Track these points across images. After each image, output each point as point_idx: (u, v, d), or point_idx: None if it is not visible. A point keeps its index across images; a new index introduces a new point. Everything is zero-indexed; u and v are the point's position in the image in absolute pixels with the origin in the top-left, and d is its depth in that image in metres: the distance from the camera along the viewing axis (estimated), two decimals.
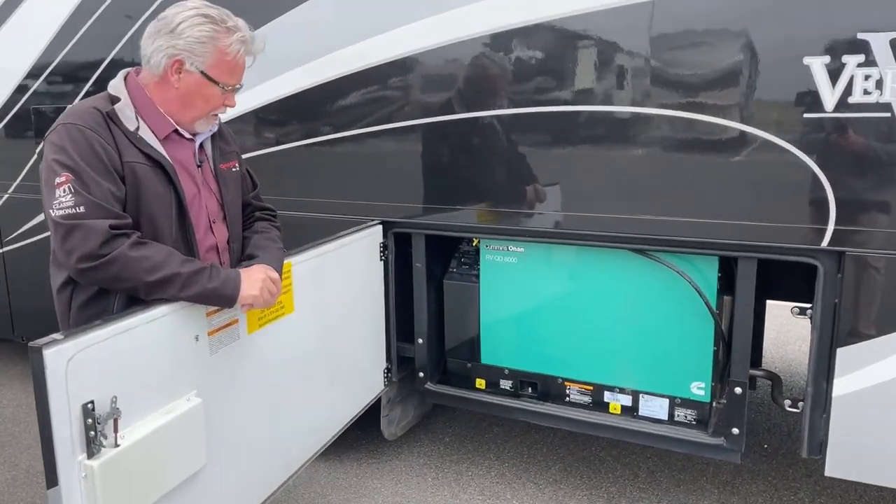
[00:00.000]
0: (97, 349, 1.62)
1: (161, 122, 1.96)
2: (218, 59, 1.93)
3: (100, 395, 1.62)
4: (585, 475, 3.40)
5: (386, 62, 2.87)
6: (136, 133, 1.90)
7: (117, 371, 1.68)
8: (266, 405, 2.28)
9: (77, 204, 1.75)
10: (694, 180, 2.49)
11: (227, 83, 1.98)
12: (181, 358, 1.89)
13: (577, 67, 2.58)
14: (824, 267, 2.35)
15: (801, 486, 3.28)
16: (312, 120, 3.10)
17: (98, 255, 1.74)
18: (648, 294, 2.72)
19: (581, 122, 2.61)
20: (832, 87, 2.22)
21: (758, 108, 2.34)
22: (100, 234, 1.73)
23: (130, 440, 1.69)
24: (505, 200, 2.81)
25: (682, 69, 2.42)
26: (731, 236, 2.44)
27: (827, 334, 2.40)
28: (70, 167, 1.77)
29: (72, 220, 1.74)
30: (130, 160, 1.86)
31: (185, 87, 1.94)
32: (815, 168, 2.28)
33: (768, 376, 3.00)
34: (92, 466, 1.58)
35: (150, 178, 1.89)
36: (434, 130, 2.87)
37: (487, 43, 2.70)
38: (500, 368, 3.07)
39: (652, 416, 2.80)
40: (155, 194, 1.90)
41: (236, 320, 2.10)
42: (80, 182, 1.76)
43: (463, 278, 3.08)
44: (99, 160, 1.80)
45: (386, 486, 3.33)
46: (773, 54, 2.30)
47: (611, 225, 2.61)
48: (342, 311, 2.75)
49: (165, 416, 1.81)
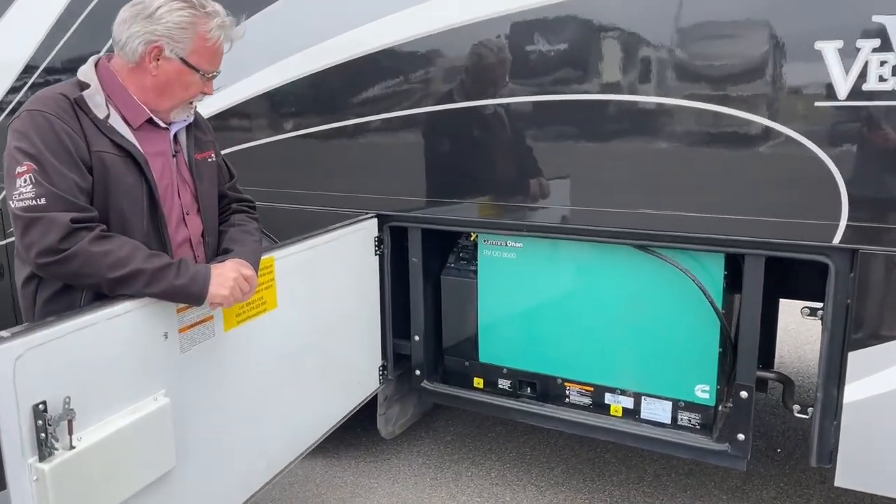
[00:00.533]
0: (49, 347, 1.55)
1: (135, 110, 1.89)
2: (198, 45, 1.86)
3: (53, 395, 1.55)
4: (588, 478, 3.29)
5: (381, 50, 2.77)
6: (106, 121, 1.81)
7: (73, 370, 1.61)
8: (245, 405, 2.21)
9: (38, 195, 1.67)
10: (698, 173, 2.36)
11: (207, 70, 1.91)
12: (148, 356, 1.81)
13: (577, 56, 2.46)
14: (836, 265, 2.22)
15: (814, 493, 3.14)
16: (305, 110, 3.01)
17: (58, 249, 1.66)
18: (651, 292, 2.60)
19: (581, 113, 2.49)
20: (845, 74, 2.07)
21: (765, 96, 2.20)
22: (60, 228, 1.65)
23: (88, 442, 1.62)
24: (502, 194, 2.70)
25: (684, 56, 2.30)
26: (736, 232, 2.31)
27: (838, 337, 2.26)
28: (33, 156, 1.69)
29: (32, 212, 1.66)
30: (99, 149, 1.78)
31: (164, 75, 1.87)
32: (827, 160, 2.15)
33: (780, 379, 2.86)
34: (43, 469, 1.51)
35: (119, 169, 1.81)
36: (431, 120, 2.77)
37: (486, 30, 2.58)
38: (498, 367, 2.97)
39: (654, 419, 2.69)
40: (125, 186, 1.82)
41: (211, 317, 2.02)
42: (43, 172, 1.68)
43: (461, 274, 2.98)
44: (64, 149, 1.72)
45: (382, 486, 3.25)
46: (783, 39, 2.16)
47: (611, 220, 2.50)
48: (334, 306, 2.67)
49: (129, 417, 1.73)
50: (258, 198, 2.39)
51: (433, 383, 3.09)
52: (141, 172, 1.85)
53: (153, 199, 1.88)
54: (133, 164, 1.84)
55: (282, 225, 2.92)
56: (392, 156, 2.89)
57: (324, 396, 2.66)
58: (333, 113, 2.93)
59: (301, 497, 3.18)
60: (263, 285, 2.24)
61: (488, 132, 2.69)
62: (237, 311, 2.11)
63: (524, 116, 2.60)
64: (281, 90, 3.00)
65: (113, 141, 1.81)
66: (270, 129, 3.10)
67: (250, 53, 3.00)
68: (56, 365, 1.57)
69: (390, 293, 3.02)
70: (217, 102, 3.06)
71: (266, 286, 2.26)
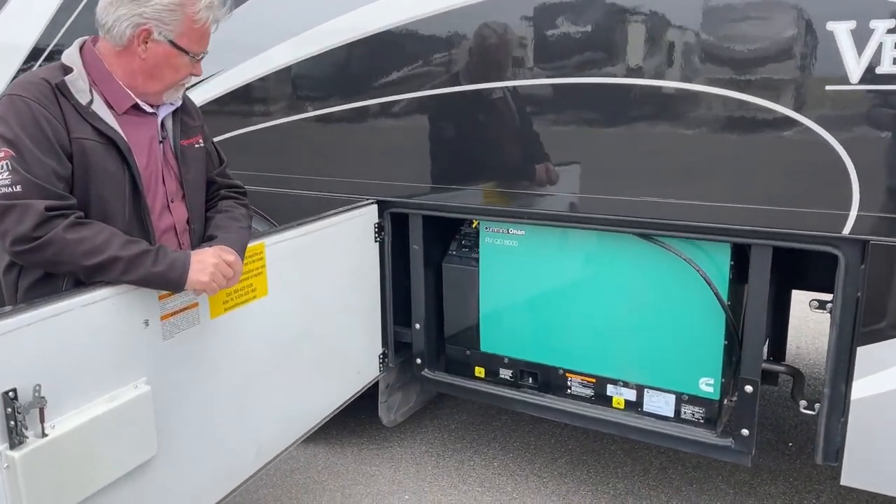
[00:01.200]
0: (19, 334, 1.52)
1: (119, 95, 1.86)
2: (187, 27, 1.83)
3: (24, 382, 1.53)
4: (593, 469, 3.24)
5: (382, 31, 2.71)
6: (89, 107, 1.78)
7: (46, 358, 1.59)
8: (233, 393, 2.18)
9: (14, 183, 1.65)
10: (702, 160, 2.28)
11: (196, 52, 1.89)
12: (127, 343, 1.78)
13: (581, 37, 2.38)
14: (846, 257, 2.13)
15: (825, 488, 3.06)
16: (304, 94, 2.97)
17: (32, 237, 1.64)
18: (655, 282, 2.53)
19: (584, 98, 2.41)
20: (858, 57, 1.97)
21: (773, 79, 2.11)
22: (35, 216, 1.63)
23: (62, 430, 1.60)
24: (504, 180, 2.64)
25: (687, 38, 2.21)
26: (741, 221, 2.22)
27: (847, 331, 2.17)
28: (10, 142, 1.67)
29: (7, 199, 1.65)
30: (79, 136, 1.76)
31: (153, 58, 1.84)
32: (837, 147, 2.05)
33: (790, 372, 2.79)
34: (13, 457, 1.50)
35: (101, 156, 1.79)
36: (433, 104, 2.70)
37: (490, 10, 2.51)
38: (499, 357, 2.92)
39: (657, 412, 2.62)
40: (106, 173, 1.80)
41: (196, 304, 1.99)
42: (20, 159, 1.66)
43: (462, 262, 2.92)
44: (43, 135, 1.70)
45: (384, 474, 3.23)
46: (792, 19, 2.06)
47: (613, 207, 2.42)
48: (332, 294, 2.63)
49: (107, 405, 1.71)
50: (254, 183, 2.36)
51: (434, 372, 3.05)
52: (123, 160, 1.82)
53: (136, 186, 1.85)
54: (115, 151, 1.81)
55: (279, 210, 2.89)
56: (393, 141, 2.84)
57: (320, 384, 2.63)
58: (333, 97, 2.88)
59: (302, 483, 3.17)
60: (253, 272, 2.21)
61: (489, 116, 2.63)
62: (224, 298, 2.08)
63: (527, 100, 2.53)
64: (277, 75, 2.96)
65: (95, 127, 1.78)
66: (267, 113, 3.06)
67: (246, 36, 2.96)
68: (27, 352, 1.55)
69: (391, 280, 2.97)
70: (213, 88, 3.03)
71: (256, 273, 2.23)
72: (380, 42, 2.72)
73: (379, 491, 3.10)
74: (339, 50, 2.80)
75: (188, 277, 1.78)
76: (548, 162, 2.55)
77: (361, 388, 2.91)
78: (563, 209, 2.53)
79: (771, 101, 2.11)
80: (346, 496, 3.07)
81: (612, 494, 3.06)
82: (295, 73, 2.95)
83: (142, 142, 1.90)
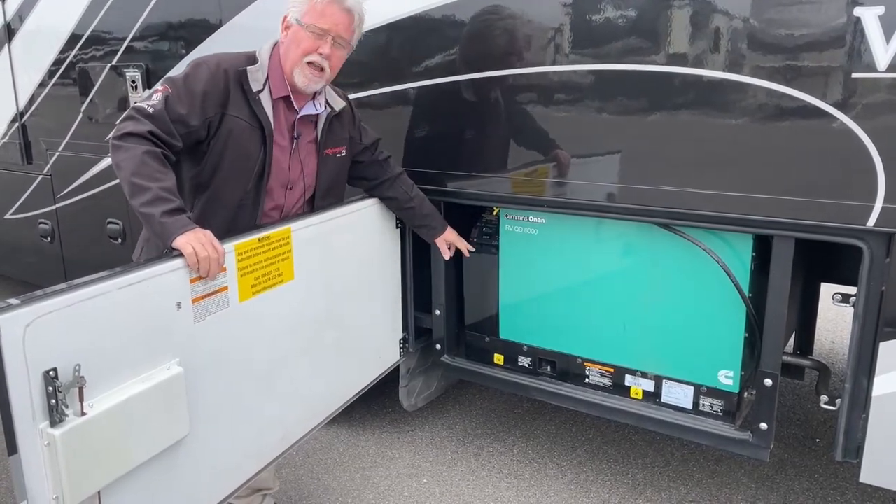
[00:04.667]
0: (59, 315, 1.57)
1: (280, 84, 2.23)
2: (309, 7, 2.15)
3: (64, 362, 1.57)
4: (612, 459, 3.23)
5: (405, 17, 2.71)
6: (257, 95, 2.17)
7: (85, 338, 1.63)
8: (260, 376, 2.21)
9: (153, 106, 2.04)
10: (724, 149, 2.23)
11: (311, 24, 2.14)
12: (160, 325, 1.82)
13: (600, 26, 2.35)
14: (870, 249, 2.07)
15: (850, 485, 3.00)
16: None
17: (123, 138, 1.98)
18: (675, 273, 2.49)
19: (604, 85, 2.38)
20: (886, 43, 1.91)
21: (798, 66, 2.05)
22: (139, 128, 1.98)
23: (100, 409, 1.64)
24: (525, 167, 2.62)
25: (707, 23, 2.16)
26: (763, 212, 2.18)
27: (870, 326, 2.12)
28: (175, 83, 2.10)
29: (140, 112, 2.03)
30: (234, 114, 2.14)
31: (289, 40, 2.20)
32: (863, 136, 1.99)
33: (816, 366, 2.73)
34: (54, 435, 1.54)
35: (246, 136, 2.16)
36: (454, 91, 2.69)
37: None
38: (518, 345, 2.92)
39: (675, 403, 2.60)
40: (245, 150, 2.17)
41: (226, 287, 2.02)
42: (170, 97, 2.06)
43: (482, 249, 2.92)
44: (197, 95, 2.09)
45: (403, 457, 3.27)
46: (818, 5, 2.00)
47: (633, 196, 2.39)
48: (354, 279, 2.65)
49: (141, 385, 1.75)
50: None
51: (454, 358, 3.07)
52: (264, 143, 2.19)
53: (264, 168, 2.21)
54: (260, 134, 2.18)
55: None
56: (415, 128, 2.85)
57: (343, 368, 2.66)
58: (355, 83, 2.90)
59: (323, 464, 3.23)
60: (279, 257, 2.23)
61: (510, 104, 2.61)
62: (252, 282, 2.11)
63: (550, 89, 2.50)
64: None
65: (252, 110, 2.16)
66: None
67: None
68: (67, 333, 1.59)
69: (412, 266, 2.99)
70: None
71: (283, 258, 2.25)
72: (404, 27, 2.73)
73: (398, 473, 3.14)
74: (368, 35, 2.81)
75: (177, 237, 1.87)
76: (563, 151, 2.52)
77: (383, 373, 2.93)
78: (584, 198, 2.51)
79: (795, 88, 2.06)
80: (365, 478, 3.12)
81: (631, 484, 3.04)
82: None
83: (283, 130, 2.26)
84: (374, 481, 3.09)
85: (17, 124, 4.31)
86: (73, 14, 3.78)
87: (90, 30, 3.74)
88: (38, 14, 4.01)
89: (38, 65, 4.07)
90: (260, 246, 2.14)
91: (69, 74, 3.92)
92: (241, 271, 2.08)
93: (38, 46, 4.04)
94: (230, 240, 2.06)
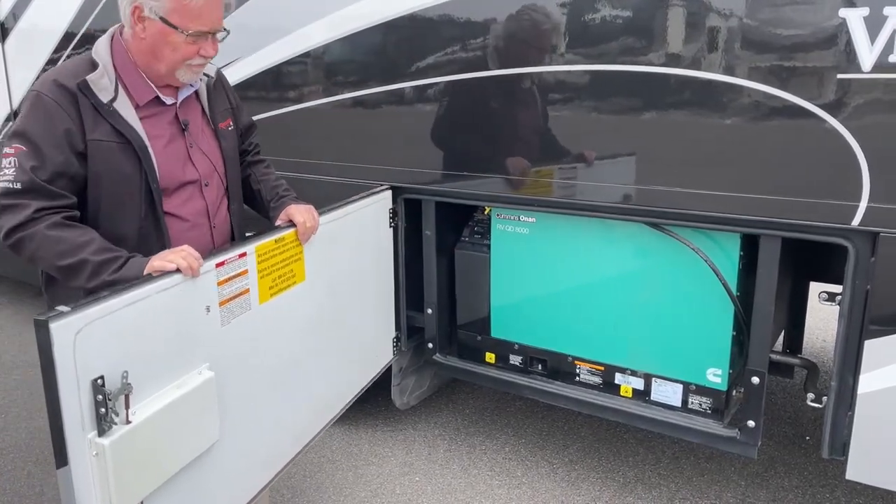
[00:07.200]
0: (106, 321, 1.52)
1: (141, 88, 1.87)
2: (176, 3, 1.77)
3: (110, 369, 1.52)
4: (604, 457, 3.25)
5: (400, 16, 2.72)
6: (110, 106, 1.80)
7: (127, 344, 1.58)
8: (277, 378, 2.17)
9: (16, 179, 1.72)
10: (711, 149, 2.25)
11: (189, 28, 1.80)
12: (192, 329, 1.78)
13: (586, 27, 2.36)
14: (855, 248, 2.09)
15: (839, 483, 3.02)
16: (320, 80, 3.00)
17: (19, 232, 1.71)
18: (664, 272, 2.51)
19: (593, 85, 2.39)
20: (871, 44, 1.93)
21: (784, 67, 2.07)
22: (26, 213, 1.70)
23: (142, 416, 1.59)
24: (517, 167, 2.64)
25: (692, 22, 2.17)
26: (750, 211, 2.20)
27: (856, 324, 2.14)
28: (24, 136, 1.74)
29: (5, 195, 1.72)
30: (96, 137, 1.78)
31: (150, 37, 1.81)
32: (848, 136, 2.01)
33: (805, 365, 2.75)
34: (103, 445, 1.49)
35: (116, 157, 1.81)
36: (446, 91, 2.71)
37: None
38: (510, 343, 2.94)
39: (664, 401, 2.62)
40: (121, 174, 1.82)
41: (248, 289, 1.99)
42: (27, 155, 1.72)
43: (474, 248, 2.94)
44: (55, 134, 1.74)
45: (396, 456, 3.28)
46: (804, 5, 2.02)
47: (622, 195, 2.41)
48: (353, 278, 2.64)
49: (178, 391, 1.70)
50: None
51: (446, 357, 3.09)
52: (139, 160, 1.84)
53: (150, 187, 1.86)
54: (132, 150, 1.83)
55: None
56: (406, 127, 2.86)
57: (346, 367, 2.66)
58: (348, 83, 2.91)
59: (315, 462, 3.25)
60: (293, 258, 2.21)
61: (500, 103, 2.62)
62: (270, 283, 2.09)
63: (541, 89, 2.52)
64: (291, 63, 3.00)
65: (113, 126, 1.80)
66: (285, 99, 3.11)
67: (263, 23, 3.01)
68: (112, 339, 1.54)
69: (404, 265, 3.01)
70: (231, 75, 3.09)
71: (295, 258, 2.22)
72: (397, 27, 2.74)
73: (390, 472, 3.16)
74: (352, 38, 2.83)
75: (145, 272, 1.71)
76: (559, 150, 2.54)
77: (379, 372, 2.94)
78: (574, 197, 2.53)
79: (780, 89, 2.08)
80: (357, 476, 3.13)
81: (622, 482, 3.06)
82: (309, 62, 2.99)
83: (163, 133, 1.91)
84: (367, 479, 3.10)
85: (10, 123, 4.31)
86: (66, 13, 3.78)
87: (84, 28, 3.75)
88: (31, 13, 4.02)
89: (31, 64, 4.08)
90: (277, 247, 2.11)
91: None
92: (260, 273, 2.05)
93: (32, 45, 4.05)
94: (250, 242, 2.02)
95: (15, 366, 4.27)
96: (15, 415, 3.70)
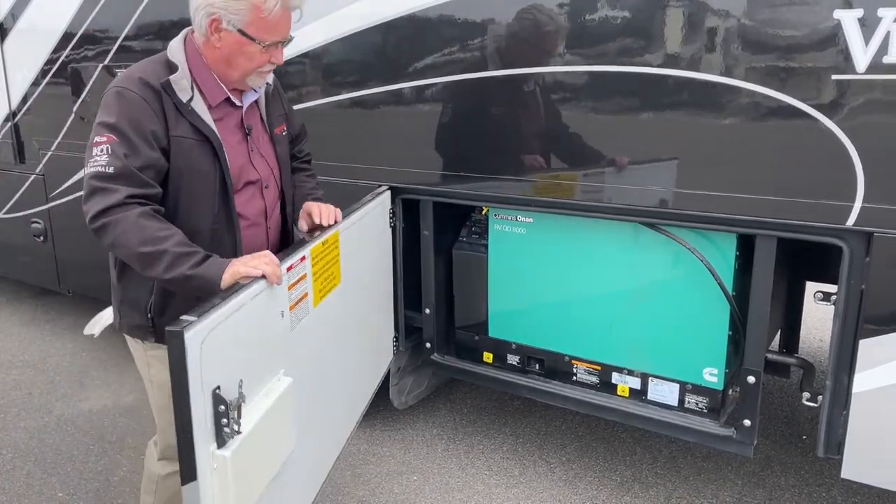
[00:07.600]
0: (220, 330, 1.48)
1: (214, 89, 1.96)
2: (254, 16, 1.85)
3: (225, 379, 1.48)
4: (602, 456, 3.26)
5: (398, 17, 2.73)
6: (189, 105, 1.89)
7: (236, 352, 1.55)
8: (323, 379, 2.18)
9: (108, 164, 1.77)
10: (706, 149, 2.26)
11: (266, 40, 1.89)
12: (271, 335, 1.77)
13: (577, 27, 2.38)
14: (850, 248, 2.11)
15: (835, 482, 3.03)
16: (318, 81, 3.01)
17: (106, 216, 1.75)
18: (660, 271, 2.53)
19: (590, 86, 2.41)
20: (865, 46, 1.94)
21: (779, 68, 2.08)
22: (116, 199, 1.75)
23: (249, 425, 1.55)
24: (514, 168, 2.65)
25: (688, 23, 2.19)
26: (745, 212, 2.21)
27: (851, 324, 2.16)
28: (114, 127, 1.81)
29: (98, 179, 1.77)
30: (178, 134, 1.87)
31: (226, 47, 1.89)
32: (842, 137, 2.03)
33: (801, 364, 2.76)
34: (224, 456, 1.46)
35: (196, 154, 1.90)
36: (444, 91, 2.72)
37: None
38: (507, 343, 2.95)
39: (661, 401, 2.63)
40: (199, 171, 1.91)
41: (306, 293, 1.99)
42: (119, 145, 1.79)
43: (472, 248, 2.96)
44: (143, 127, 1.82)
45: (394, 455, 3.29)
46: (798, 7, 2.03)
47: (619, 196, 2.43)
48: (365, 280, 2.64)
49: (268, 399, 1.67)
50: None
51: (444, 356, 3.10)
52: (216, 157, 1.92)
53: (225, 182, 1.94)
54: (209, 148, 1.91)
55: None
56: (405, 127, 2.87)
57: (366, 367, 2.67)
58: (347, 84, 2.92)
59: None
60: (332, 260, 2.21)
61: (499, 104, 2.63)
62: (319, 286, 2.08)
63: (539, 89, 2.53)
64: (293, 61, 3.00)
65: (192, 125, 1.89)
66: None
67: None
68: (225, 348, 1.51)
69: (402, 265, 3.02)
70: None
71: (334, 261, 2.22)
72: (396, 27, 2.75)
73: (388, 471, 3.17)
74: (351, 38, 2.84)
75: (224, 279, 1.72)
76: (555, 151, 2.55)
77: (385, 371, 2.96)
78: (571, 197, 2.54)
79: (776, 90, 2.09)
80: (356, 475, 3.14)
81: (619, 481, 3.08)
82: (308, 62, 3.00)
83: (232, 134, 2.00)
84: (365, 478, 3.11)
85: (9, 124, 4.32)
86: (65, 13, 3.79)
87: (83, 29, 3.75)
88: (30, 13, 4.02)
89: (30, 64, 4.09)
90: (324, 250, 2.12)
91: (62, 74, 3.93)
92: (314, 276, 2.04)
93: (31, 46, 4.05)
94: (305, 245, 2.01)
95: (13, 365, 4.28)
96: (14, 414, 3.70)
